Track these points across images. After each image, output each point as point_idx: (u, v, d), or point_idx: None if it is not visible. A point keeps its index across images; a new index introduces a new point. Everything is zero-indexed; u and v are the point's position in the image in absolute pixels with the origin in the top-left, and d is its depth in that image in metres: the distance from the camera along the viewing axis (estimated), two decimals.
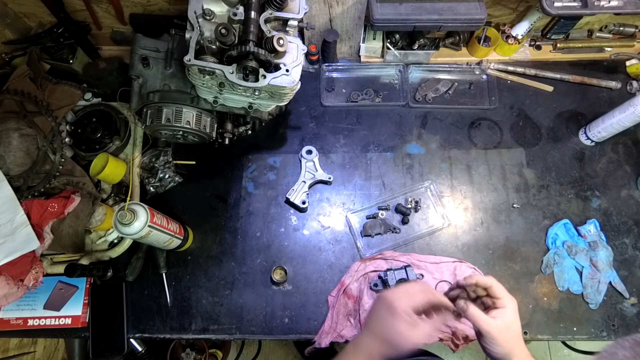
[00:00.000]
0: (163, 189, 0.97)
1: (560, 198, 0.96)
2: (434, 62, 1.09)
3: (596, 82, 1.05)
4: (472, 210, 0.96)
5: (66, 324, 0.86)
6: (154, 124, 0.83)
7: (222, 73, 0.72)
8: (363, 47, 1.08)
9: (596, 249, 0.89)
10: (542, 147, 1.01)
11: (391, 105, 1.06)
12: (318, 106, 1.06)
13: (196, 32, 0.71)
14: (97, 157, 0.91)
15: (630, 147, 1.00)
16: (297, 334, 0.86)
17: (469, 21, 0.91)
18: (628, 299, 0.87)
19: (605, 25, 1.07)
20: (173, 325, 0.87)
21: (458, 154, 1.01)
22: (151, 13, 0.99)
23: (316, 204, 0.97)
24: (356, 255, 0.92)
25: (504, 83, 1.08)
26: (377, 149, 1.01)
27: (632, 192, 0.96)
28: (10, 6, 0.98)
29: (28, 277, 0.83)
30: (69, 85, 0.99)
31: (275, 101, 0.83)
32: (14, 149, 0.89)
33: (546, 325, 0.86)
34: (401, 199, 0.96)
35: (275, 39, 0.71)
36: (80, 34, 1.01)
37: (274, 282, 0.89)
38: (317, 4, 0.93)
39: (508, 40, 1.05)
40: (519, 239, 0.93)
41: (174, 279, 0.91)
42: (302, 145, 1.00)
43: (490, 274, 0.89)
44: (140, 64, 0.83)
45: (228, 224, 0.95)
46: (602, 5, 0.87)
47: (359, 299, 0.86)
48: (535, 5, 0.96)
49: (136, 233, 0.74)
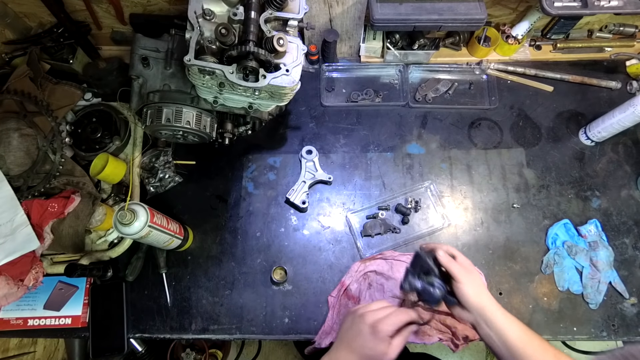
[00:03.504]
0: (163, 189, 0.97)
1: (560, 198, 0.96)
2: (434, 62, 1.09)
3: (596, 82, 1.05)
4: (472, 210, 0.96)
5: (66, 324, 0.86)
6: (154, 124, 0.83)
7: (222, 73, 0.72)
8: (363, 47, 1.08)
9: (596, 249, 0.89)
10: (542, 147, 1.01)
11: (391, 105, 1.06)
12: (318, 106, 1.06)
13: (196, 32, 0.71)
14: (97, 157, 0.91)
15: (630, 147, 1.00)
16: (297, 334, 0.86)
17: (469, 21, 0.91)
18: (628, 299, 0.87)
19: (605, 25, 1.07)
20: (173, 325, 0.87)
21: (458, 154, 1.01)
22: (151, 13, 0.99)
23: (316, 204, 0.97)
24: (356, 255, 0.92)
25: (504, 83, 1.08)
26: (377, 149, 1.01)
27: (632, 192, 0.96)
28: (10, 6, 0.98)
29: (28, 277, 0.83)
30: (69, 85, 0.99)
31: (275, 101, 0.83)
32: (14, 149, 0.89)
33: (546, 325, 0.86)
34: (401, 199, 0.96)
35: (275, 39, 0.71)
36: (80, 34, 1.01)
37: (274, 282, 0.89)
38: (317, 4, 0.93)
39: (508, 40, 1.05)
40: (519, 239, 0.93)
41: (174, 279, 0.91)
42: (302, 145, 1.00)
43: (490, 274, 0.89)
44: (140, 64, 0.83)
45: (228, 224, 0.95)
46: (602, 5, 0.87)
47: (358, 299, 0.86)
48: (535, 5, 0.96)
49: (136, 233, 0.74)
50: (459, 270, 0.63)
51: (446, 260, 0.65)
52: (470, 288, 0.62)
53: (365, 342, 0.59)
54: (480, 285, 0.64)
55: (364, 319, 0.61)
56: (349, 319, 0.64)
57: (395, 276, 0.86)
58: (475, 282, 0.64)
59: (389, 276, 0.87)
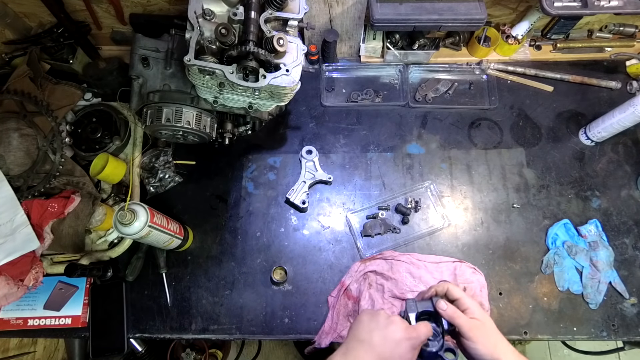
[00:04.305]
0: (163, 189, 0.97)
1: (560, 198, 0.96)
2: (434, 62, 1.09)
3: (596, 82, 1.05)
4: (472, 210, 0.95)
5: (66, 324, 0.86)
6: (154, 124, 0.83)
7: (222, 73, 0.72)
8: (363, 47, 1.08)
9: (596, 249, 0.89)
10: (542, 147, 1.01)
11: (391, 105, 1.06)
12: (318, 106, 1.06)
13: (196, 32, 0.71)
14: (97, 157, 0.91)
15: (630, 147, 1.00)
16: (297, 334, 0.86)
17: (469, 21, 0.91)
18: (628, 299, 0.87)
19: (605, 25, 1.07)
20: (173, 325, 0.87)
21: (458, 154, 1.01)
22: (151, 13, 0.99)
23: (316, 204, 0.97)
24: (356, 255, 0.92)
25: (504, 83, 1.08)
26: (377, 149, 1.01)
27: (632, 192, 0.96)
28: (10, 6, 0.98)
29: (28, 277, 0.83)
30: (69, 85, 0.99)
31: (275, 101, 0.83)
32: (14, 149, 0.89)
33: (546, 325, 0.86)
34: (401, 199, 0.96)
35: (275, 39, 0.71)
36: (80, 34, 1.01)
37: (274, 282, 0.89)
38: (317, 4, 0.93)
39: (508, 40, 1.05)
40: (519, 239, 0.93)
41: (174, 279, 0.91)
42: (302, 145, 1.00)
43: (490, 274, 0.89)
44: (140, 64, 0.83)
45: (228, 224, 0.95)
46: (602, 5, 0.87)
47: (358, 299, 0.86)
48: (535, 5, 0.96)
49: (136, 233, 0.74)
50: (468, 326, 0.55)
51: (451, 313, 0.57)
52: (483, 347, 0.55)
53: (395, 348, 0.54)
54: (493, 334, 0.56)
55: (396, 323, 0.56)
56: (376, 319, 0.58)
57: (395, 276, 0.86)
58: (488, 334, 0.56)
59: (389, 276, 0.87)
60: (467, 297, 0.60)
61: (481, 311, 0.59)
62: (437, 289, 0.62)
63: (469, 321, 0.56)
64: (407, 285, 0.86)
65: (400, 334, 0.55)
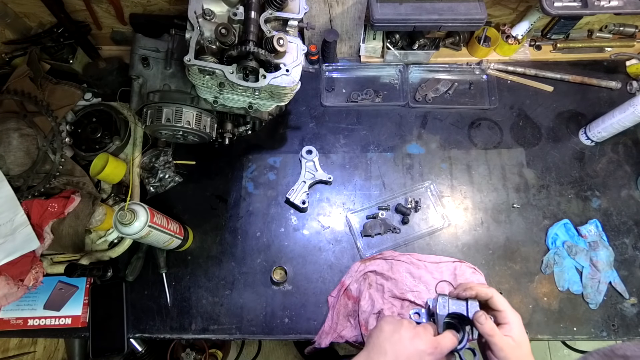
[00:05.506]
0: (163, 189, 0.97)
1: (560, 198, 0.96)
2: (434, 62, 1.09)
3: (596, 82, 1.05)
4: (472, 210, 0.95)
5: (66, 324, 0.86)
6: (154, 124, 0.83)
7: (222, 73, 0.72)
8: (363, 47, 1.08)
9: (596, 249, 0.89)
10: (542, 147, 1.01)
11: (391, 105, 1.06)
12: (318, 106, 1.06)
13: (196, 32, 0.71)
14: (97, 157, 0.91)
15: (630, 147, 1.00)
16: (297, 334, 0.86)
17: (469, 21, 0.91)
18: (628, 299, 0.87)
19: (605, 25, 1.07)
20: (173, 325, 0.87)
21: (458, 154, 1.01)
22: (151, 13, 0.99)
23: (316, 204, 0.97)
24: (356, 255, 0.92)
25: (504, 83, 1.08)
26: (377, 149, 1.01)
27: (632, 192, 0.96)
28: (10, 6, 0.98)
29: (28, 277, 0.83)
30: (69, 85, 0.99)
31: (275, 101, 0.83)
32: (14, 149, 0.89)
33: (546, 325, 0.86)
34: (401, 199, 0.96)
35: (275, 39, 0.71)
36: (80, 34, 1.01)
37: (274, 282, 0.89)
38: (317, 4, 0.93)
39: (508, 40, 1.05)
40: (519, 239, 0.93)
41: (174, 279, 0.91)
42: (302, 145, 1.00)
43: (490, 274, 0.89)
44: (140, 64, 0.83)
45: (228, 224, 0.95)
46: (602, 5, 0.87)
47: (358, 299, 0.86)
48: (535, 5, 0.96)
49: (136, 233, 0.74)
50: (501, 345, 0.51)
51: (488, 331, 0.52)
52: None
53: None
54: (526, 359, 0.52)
55: (424, 333, 0.55)
56: (403, 329, 0.56)
57: (395, 276, 0.86)
58: (521, 359, 0.52)
59: (389, 276, 0.87)
60: (512, 311, 0.55)
61: (521, 330, 0.55)
62: (480, 292, 0.56)
63: (503, 340, 0.52)
64: (407, 285, 0.86)
65: (424, 347, 0.54)
